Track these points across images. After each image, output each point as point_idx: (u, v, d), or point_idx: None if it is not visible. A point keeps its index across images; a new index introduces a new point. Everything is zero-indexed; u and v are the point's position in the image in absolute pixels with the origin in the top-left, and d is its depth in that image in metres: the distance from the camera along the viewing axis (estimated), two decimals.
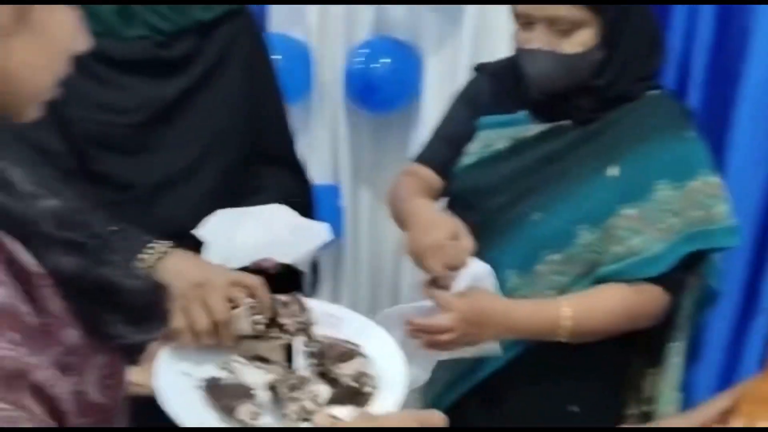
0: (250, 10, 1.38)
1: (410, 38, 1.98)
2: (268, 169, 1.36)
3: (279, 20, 2.10)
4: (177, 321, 1.00)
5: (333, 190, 2.11)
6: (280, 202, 1.29)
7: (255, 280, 1.04)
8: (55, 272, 0.62)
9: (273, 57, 1.40)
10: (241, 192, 1.30)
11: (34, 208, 0.62)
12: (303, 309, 1.02)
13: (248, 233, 1.22)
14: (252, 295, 1.02)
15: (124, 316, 0.67)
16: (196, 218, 1.22)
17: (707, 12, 1.50)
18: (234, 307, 1.00)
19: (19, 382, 0.56)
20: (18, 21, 0.61)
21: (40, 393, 0.57)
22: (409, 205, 1.34)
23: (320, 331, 1.01)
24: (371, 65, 1.91)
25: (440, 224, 1.24)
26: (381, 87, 1.91)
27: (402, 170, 1.56)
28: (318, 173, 2.12)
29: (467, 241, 1.22)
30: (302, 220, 1.27)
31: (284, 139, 1.43)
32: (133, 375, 0.81)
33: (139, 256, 1.10)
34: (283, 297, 1.03)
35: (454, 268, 1.20)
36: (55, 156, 1.16)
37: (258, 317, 0.99)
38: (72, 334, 0.62)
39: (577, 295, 1.26)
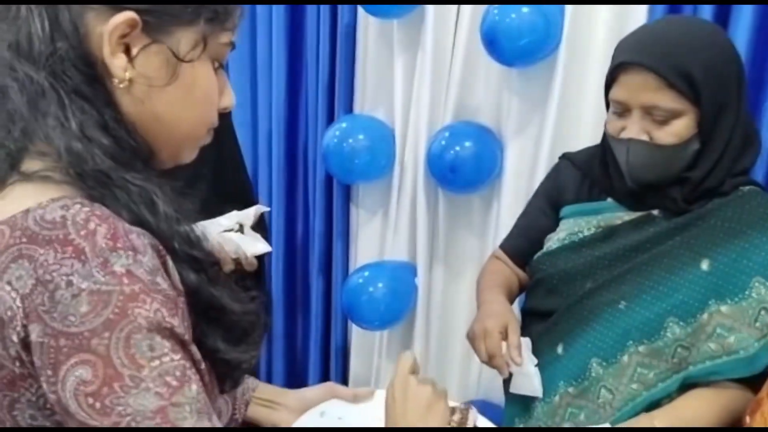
0: None
1: (492, 123, 2.01)
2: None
3: (365, 102, 2.17)
4: None
5: (409, 268, 2.12)
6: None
7: None
8: (183, 286, 0.71)
9: None
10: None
11: (171, 228, 0.72)
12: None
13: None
14: None
15: (224, 333, 0.76)
16: None
17: None
18: None
19: (187, 349, 0.66)
20: (171, 75, 0.74)
21: (196, 365, 0.68)
22: (482, 295, 1.46)
23: None
24: (453, 147, 1.94)
25: (496, 316, 1.34)
26: (462, 169, 1.93)
27: (492, 253, 1.61)
28: (396, 250, 2.16)
29: (514, 338, 1.30)
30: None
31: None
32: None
33: None
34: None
35: (493, 356, 1.30)
36: None
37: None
38: (195, 350, 0.70)
39: (667, 410, 1.23)
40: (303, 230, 2.39)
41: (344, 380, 2.38)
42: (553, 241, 1.42)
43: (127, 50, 0.72)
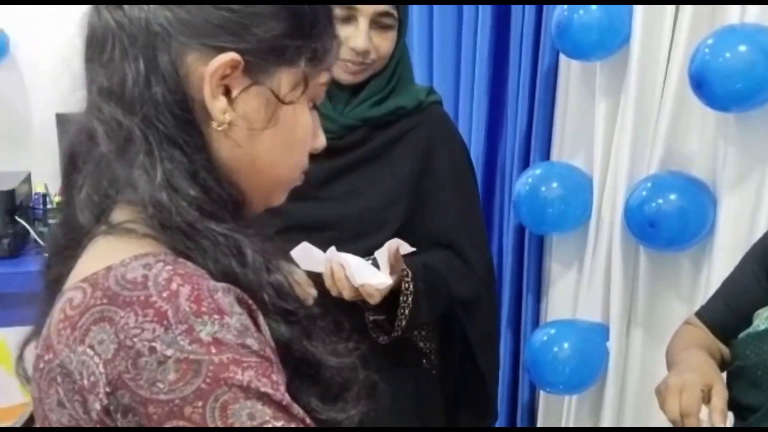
0: (439, 111, 1.56)
1: (706, 175, 1.80)
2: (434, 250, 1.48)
3: (563, 149, 2.06)
4: None
5: (600, 329, 1.94)
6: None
7: None
8: (274, 340, 0.67)
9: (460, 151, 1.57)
10: None
11: (261, 279, 0.68)
12: None
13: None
14: None
15: (319, 391, 0.70)
16: None
17: None
18: None
19: (289, 412, 0.62)
20: (270, 118, 0.72)
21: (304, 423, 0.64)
22: (678, 355, 1.26)
23: None
24: (655, 200, 1.75)
25: (699, 371, 1.13)
26: (663, 224, 1.73)
27: (686, 319, 1.41)
28: (588, 309, 1.99)
29: (719, 401, 1.09)
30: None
31: (453, 228, 1.51)
32: None
33: None
34: None
35: (688, 415, 1.08)
36: None
37: None
38: (297, 409, 0.65)
39: None
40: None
41: None
42: (761, 320, 1.21)
43: (227, 92, 0.69)
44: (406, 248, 1.39)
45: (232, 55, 0.68)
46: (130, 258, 0.64)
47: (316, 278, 1.35)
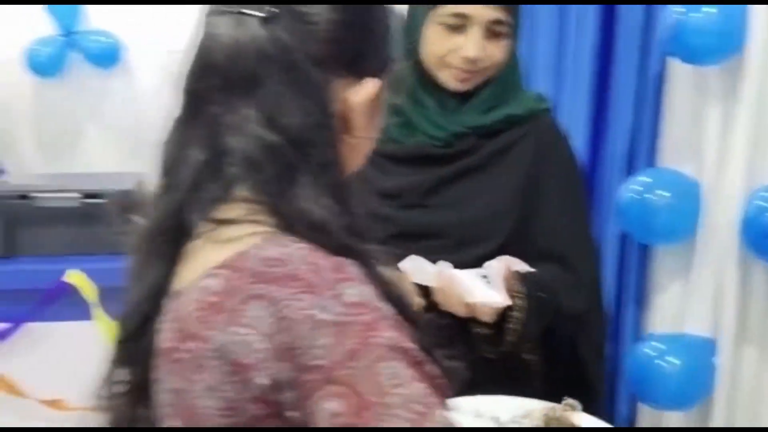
0: (549, 119, 1.54)
1: None
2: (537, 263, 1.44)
3: (671, 155, 1.98)
4: None
5: (708, 344, 1.85)
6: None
7: None
8: None
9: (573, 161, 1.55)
10: None
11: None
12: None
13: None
14: None
15: None
16: None
17: None
18: None
19: (424, 369, 0.65)
20: (372, 125, 0.78)
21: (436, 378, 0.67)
22: None
23: None
24: None
25: None
26: None
27: None
28: (697, 324, 1.90)
29: None
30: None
31: (562, 240, 1.47)
32: None
33: None
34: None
35: None
36: None
37: None
38: (430, 367, 0.69)
39: None
40: None
41: None
42: None
43: None
44: (521, 267, 1.38)
45: (377, 83, 0.75)
46: (259, 241, 0.67)
47: (425, 290, 1.35)
